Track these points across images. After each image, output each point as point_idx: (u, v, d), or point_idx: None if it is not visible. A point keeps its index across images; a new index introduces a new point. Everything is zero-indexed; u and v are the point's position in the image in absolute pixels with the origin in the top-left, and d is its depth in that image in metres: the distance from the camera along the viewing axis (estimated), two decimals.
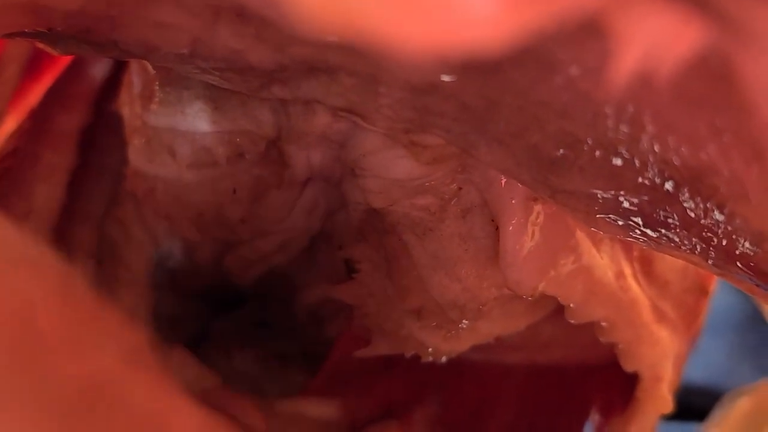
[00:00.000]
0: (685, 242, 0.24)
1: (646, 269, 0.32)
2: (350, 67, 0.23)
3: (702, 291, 0.34)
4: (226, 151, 0.28)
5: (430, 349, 0.30)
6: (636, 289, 0.31)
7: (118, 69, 0.36)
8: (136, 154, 0.30)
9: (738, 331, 0.57)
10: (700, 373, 0.53)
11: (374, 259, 0.30)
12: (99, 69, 0.36)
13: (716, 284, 0.35)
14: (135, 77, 0.30)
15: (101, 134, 0.36)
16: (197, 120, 0.27)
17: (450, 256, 0.28)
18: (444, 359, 0.32)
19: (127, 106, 0.30)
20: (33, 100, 0.36)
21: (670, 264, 0.32)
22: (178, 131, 0.28)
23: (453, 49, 0.12)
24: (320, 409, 0.36)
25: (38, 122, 0.35)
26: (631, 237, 0.25)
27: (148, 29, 0.23)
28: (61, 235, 0.34)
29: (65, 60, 0.36)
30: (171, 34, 0.23)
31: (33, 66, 0.35)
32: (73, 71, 0.35)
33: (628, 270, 0.31)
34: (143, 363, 0.16)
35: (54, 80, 0.36)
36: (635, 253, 0.31)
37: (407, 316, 0.30)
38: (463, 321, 0.29)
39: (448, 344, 0.30)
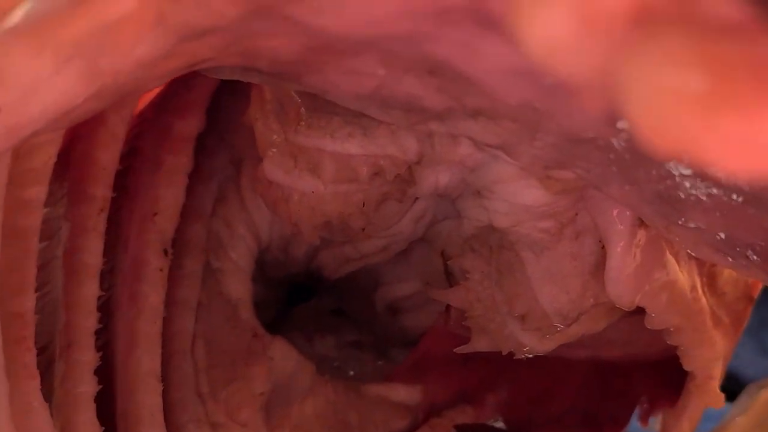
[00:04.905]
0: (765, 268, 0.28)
1: (710, 282, 0.36)
2: (518, 117, 0.26)
3: (749, 299, 0.39)
4: (368, 171, 0.31)
5: (526, 348, 0.34)
6: (703, 299, 0.35)
7: (225, 82, 0.39)
8: (273, 165, 0.32)
9: None
10: None
11: (484, 269, 0.34)
12: (210, 82, 0.38)
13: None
14: (267, 95, 0.33)
15: (210, 139, 0.39)
16: (346, 143, 0.30)
17: (561, 271, 0.32)
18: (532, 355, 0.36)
19: (260, 120, 0.33)
20: (140, 105, 0.39)
21: (727, 277, 0.37)
22: (326, 152, 0.31)
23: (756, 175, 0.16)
24: (404, 394, 0.39)
25: (157, 128, 0.37)
26: (719, 261, 0.29)
27: (339, 74, 0.26)
28: (179, 232, 0.37)
29: None
30: (359, 79, 0.26)
31: None
32: (188, 83, 0.38)
33: (698, 283, 0.35)
34: None
35: (164, 89, 0.38)
36: (704, 269, 0.35)
37: (512, 320, 0.33)
38: (561, 325, 0.33)
39: (543, 344, 0.34)
